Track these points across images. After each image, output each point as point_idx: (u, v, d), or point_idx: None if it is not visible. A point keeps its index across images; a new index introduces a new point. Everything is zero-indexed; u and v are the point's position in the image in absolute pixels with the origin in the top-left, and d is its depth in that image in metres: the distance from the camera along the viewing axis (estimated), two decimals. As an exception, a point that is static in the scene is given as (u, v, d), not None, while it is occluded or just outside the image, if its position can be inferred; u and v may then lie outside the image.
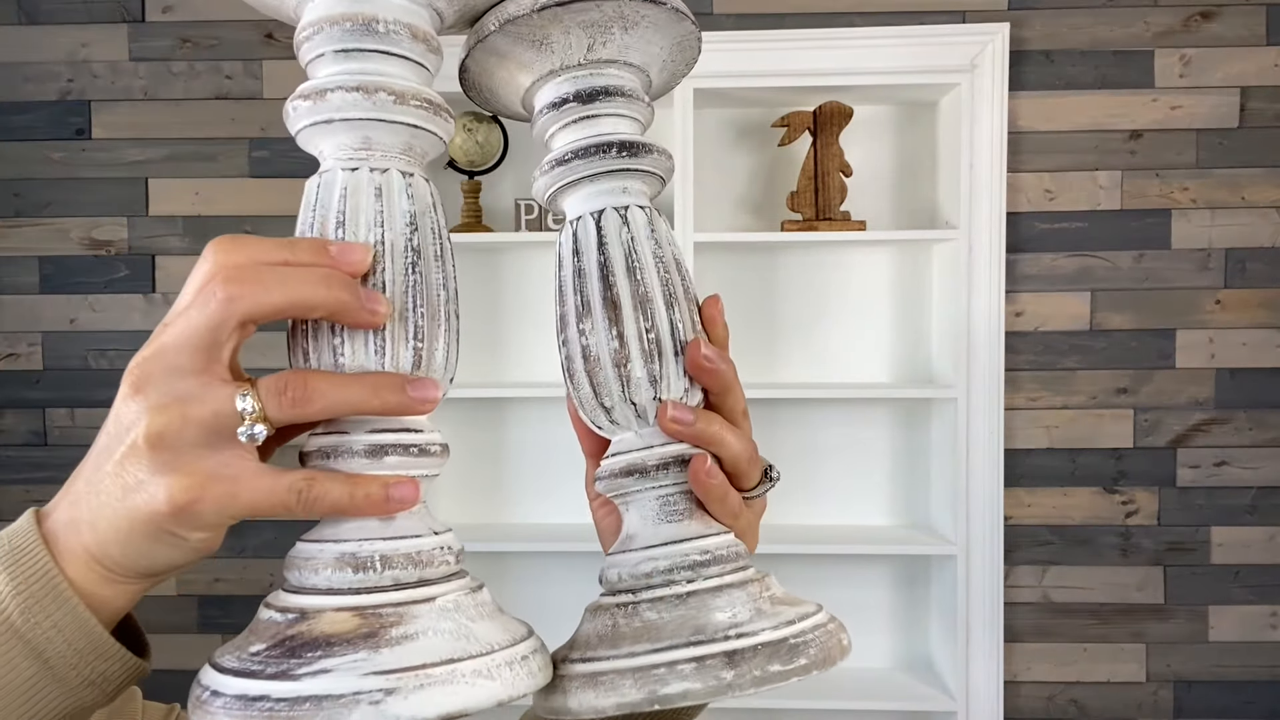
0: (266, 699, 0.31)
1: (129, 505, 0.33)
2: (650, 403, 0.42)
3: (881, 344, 1.95)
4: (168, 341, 0.34)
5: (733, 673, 0.37)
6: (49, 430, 1.96)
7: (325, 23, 0.37)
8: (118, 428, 0.33)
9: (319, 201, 0.37)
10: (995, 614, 1.82)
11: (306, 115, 0.37)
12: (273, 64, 1.91)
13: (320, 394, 0.34)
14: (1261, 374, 1.89)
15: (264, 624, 0.34)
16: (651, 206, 0.44)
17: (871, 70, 1.75)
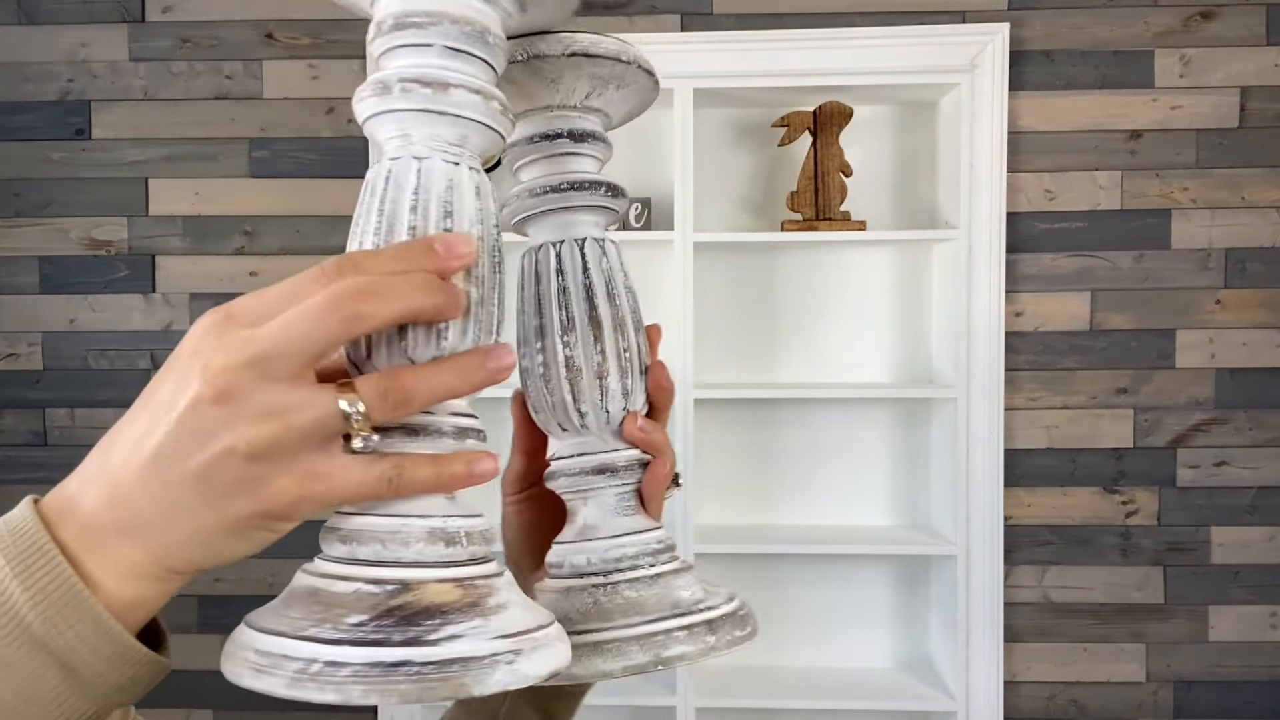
0: (409, 664, 0.32)
1: (220, 510, 0.33)
2: (621, 412, 0.47)
3: (881, 344, 1.95)
4: (267, 351, 0.32)
5: (714, 637, 0.45)
6: (49, 430, 1.96)
7: (444, 18, 0.37)
8: (192, 432, 0.32)
9: (421, 186, 0.37)
10: (995, 614, 1.82)
11: (417, 101, 0.37)
12: (273, 64, 1.91)
13: (417, 392, 0.35)
14: (1261, 374, 1.89)
15: (351, 596, 0.34)
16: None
17: (871, 70, 1.75)
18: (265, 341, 0.32)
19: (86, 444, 2.09)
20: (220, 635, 1.95)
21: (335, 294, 0.33)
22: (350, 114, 1.90)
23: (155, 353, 1.95)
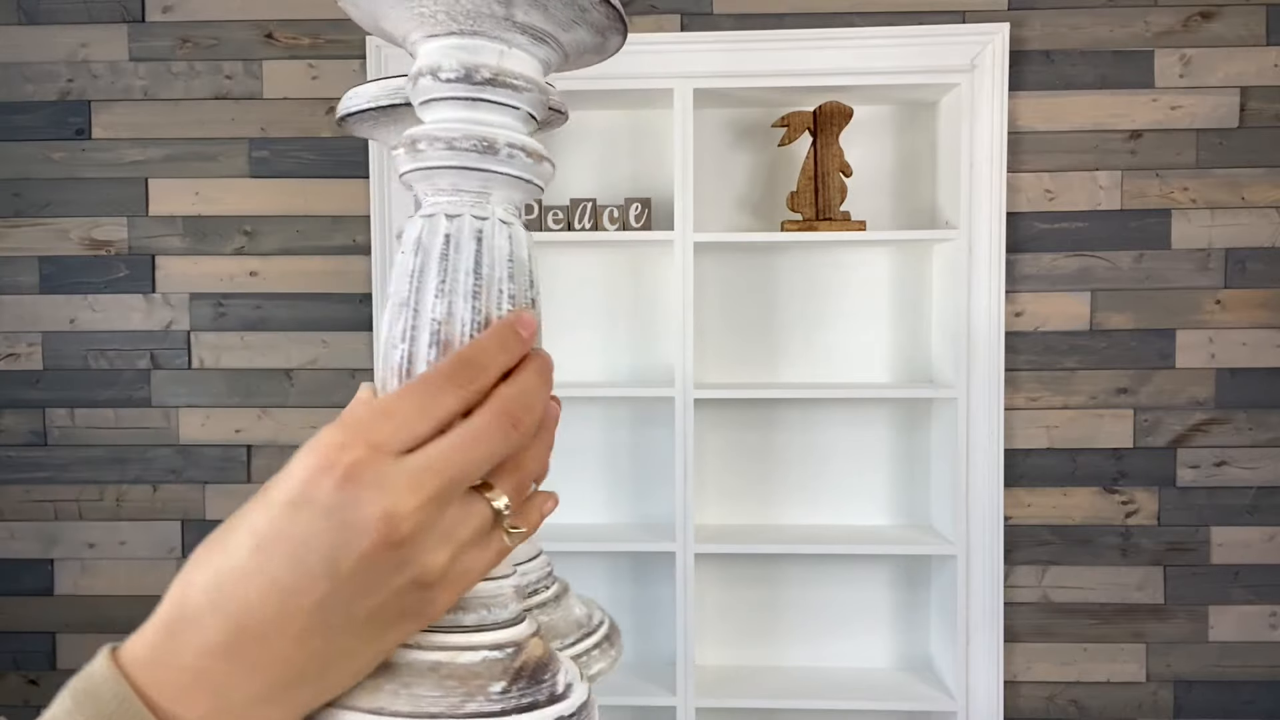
0: (581, 710, 0.36)
1: (384, 642, 0.32)
2: None
3: (881, 344, 1.95)
4: (448, 483, 0.31)
5: (614, 650, 0.45)
6: (49, 430, 1.96)
7: (506, 77, 0.36)
8: (365, 581, 0.30)
9: (514, 253, 0.37)
10: (995, 614, 1.82)
11: (518, 168, 0.36)
12: (273, 64, 1.91)
13: (537, 469, 0.35)
14: (1261, 374, 1.89)
15: (482, 664, 0.35)
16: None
17: (871, 70, 1.75)
18: (445, 473, 0.31)
19: (86, 444, 2.09)
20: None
21: (500, 413, 0.32)
22: (350, 114, 1.91)
23: (155, 353, 1.95)
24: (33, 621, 1.98)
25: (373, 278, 1.87)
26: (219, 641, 0.29)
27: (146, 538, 1.97)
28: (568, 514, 1.95)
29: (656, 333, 1.94)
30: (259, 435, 1.95)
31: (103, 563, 1.97)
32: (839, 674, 1.93)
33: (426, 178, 0.36)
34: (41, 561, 1.98)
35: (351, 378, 1.94)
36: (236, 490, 1.95)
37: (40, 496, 1.97)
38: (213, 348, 1.94)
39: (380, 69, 1.81)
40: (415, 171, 0.36)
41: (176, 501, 1.96)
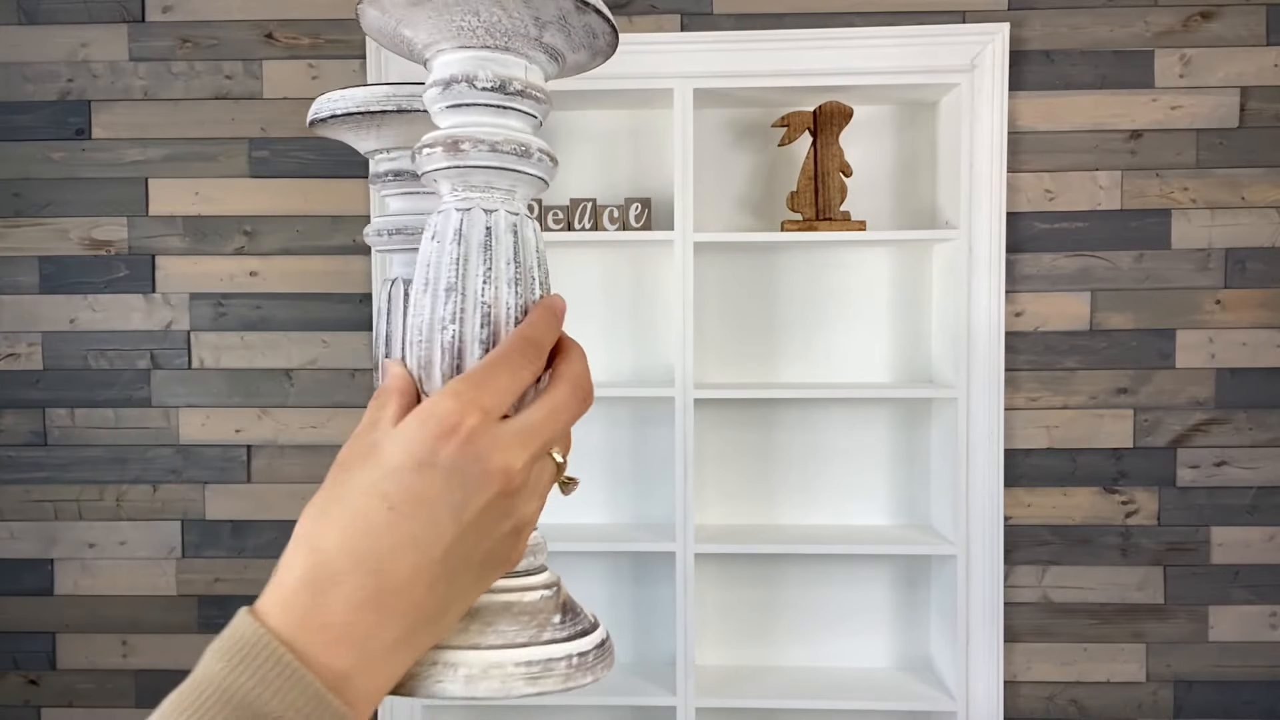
0: (605, 642, 0.42)
1: (485, 584, 0.37)
2: None
3: (881, 344, 1.95)
4: (547, 441, 0.37)
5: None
6: (49, 430, 1.96)
7: (532, 90, 0.41)
8: (482, 526, 0.35)
9: (539, 243, 0.42)
10: (995, 614, 1.82)
11: (541, 169, 0.41)
12: (273, 64, 1.91)
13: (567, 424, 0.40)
14: (1261, 374, 1.89)
15: (540, 602, 0.41)
16: None
17: (871, 70, 1.75)
18: (546, 433, 0.37)
19: (86, 444, 2.08)
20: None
21: (577, 387, 0.39)
22: (350, 114, 1.91)
23: (155, 353, 1.95)
24: (33, 621, 1.98)
25: (373, 278, 1.87)
26: (364, 597, 0.33)
27: (146, 538, 1.97)
28: (568, 514, 1.95)
29: (656, 333, 1.94)
30: (259, 435, 1.95)
31: (103, 563, 1.97)
32: (839, 674, 1.93)
33: (461, 175, 0.40)
34: (41, 561, 1.98)
35: (351, 378, 1.94)
36: (237, 490, 1.95)
37: (40, 496, 1.97)
38: (213, 348, 1.94)
39: (380, 69, 1.81)
40: (451, 169, 0.40)
41: (176, 501, 1.96)
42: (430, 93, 0.41)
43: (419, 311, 0.40)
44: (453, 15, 0.38)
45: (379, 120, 0.46)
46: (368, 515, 0.33)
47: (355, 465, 0.35)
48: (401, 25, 0.40)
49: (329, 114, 0.47)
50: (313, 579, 0.33)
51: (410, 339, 0.40)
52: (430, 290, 0.40)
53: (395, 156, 0.47)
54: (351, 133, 0.48)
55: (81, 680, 1.98)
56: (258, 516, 1.96)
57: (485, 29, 0.39)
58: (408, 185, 0.48)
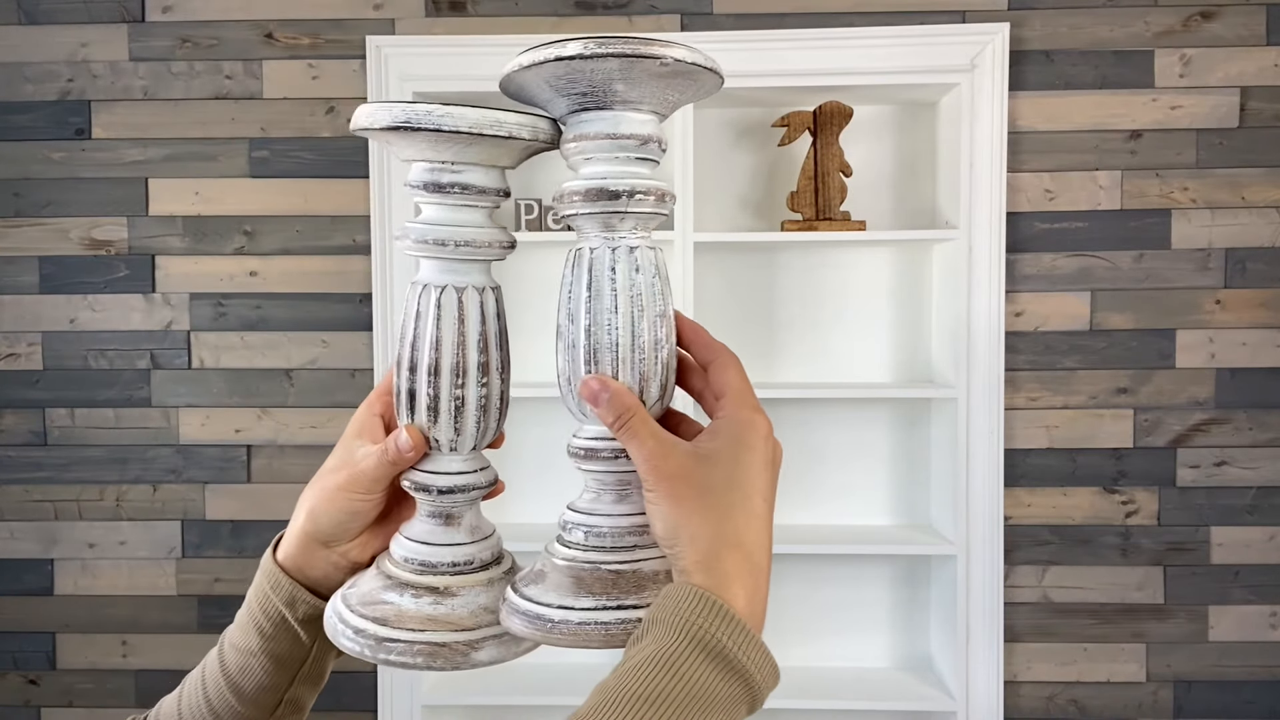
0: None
1: None
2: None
3: (881, 344, 1.95)
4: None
5: None
6: (49, 430, 1.96)
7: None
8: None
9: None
10: (995, 614, 1.82)
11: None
12: (273, 64, 1.91)
13: None
14: (1261, 374, 1.89)
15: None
16: None
17: (871, 70, 1.75)
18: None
19: (86, 444, 2.08)
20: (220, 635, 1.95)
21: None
22: (350, 114, 1.90)
23: (155, 353, 1.95)
24: (33, 621, 1.98)
25: (373, 278, 1.87)
26: (765, 574, 0.45)
27: (146, 538, 1.97)
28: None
29: (656, 333, 1.94)
30: (259, 435, 1.95)
31: (103, 563, 1.97)
32: (839, 674, 1.93)
33: (646, 219, 0.50)
34: (41, 561, 1.98)
35: (351, 378, 1.94)
36: (236, 490, 1.95)
37: (40, 496, 1.97)
38: (213, 348, 1.94)
39: (380, 68, 1.81)
40: (650, 215, 0.50)
41: (176, 501, 1.96)
42: (606, 143, 0.48)
43: (633, 333, 0.48)
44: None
45: (460, 140, 0.48)
46: (762, 515, 0.45)
47: (738, 466, 0.46)
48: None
49: (384, 125, 0.47)
50: (760, 573, 0.44)
51: (625, 356, 0.48)
52: (645, 316, 0.48)
53: (459, 170, 0.50)
54: (408, 142, 0.49)
55: (81, 680, 1.98)
56: (258, 516, 1.96)
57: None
58: (450, 198, 0.50)
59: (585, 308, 0.48)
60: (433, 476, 0.52)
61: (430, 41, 1.82)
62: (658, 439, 0.46)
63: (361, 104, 0.48)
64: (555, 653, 1.98)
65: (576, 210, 0.49)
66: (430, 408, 0.50)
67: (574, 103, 0.48)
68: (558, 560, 0.49)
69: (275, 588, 0.55)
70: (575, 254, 0.50)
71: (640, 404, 0.47)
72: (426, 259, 0.51)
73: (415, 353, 0.50)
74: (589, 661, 1.97)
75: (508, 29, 1.88)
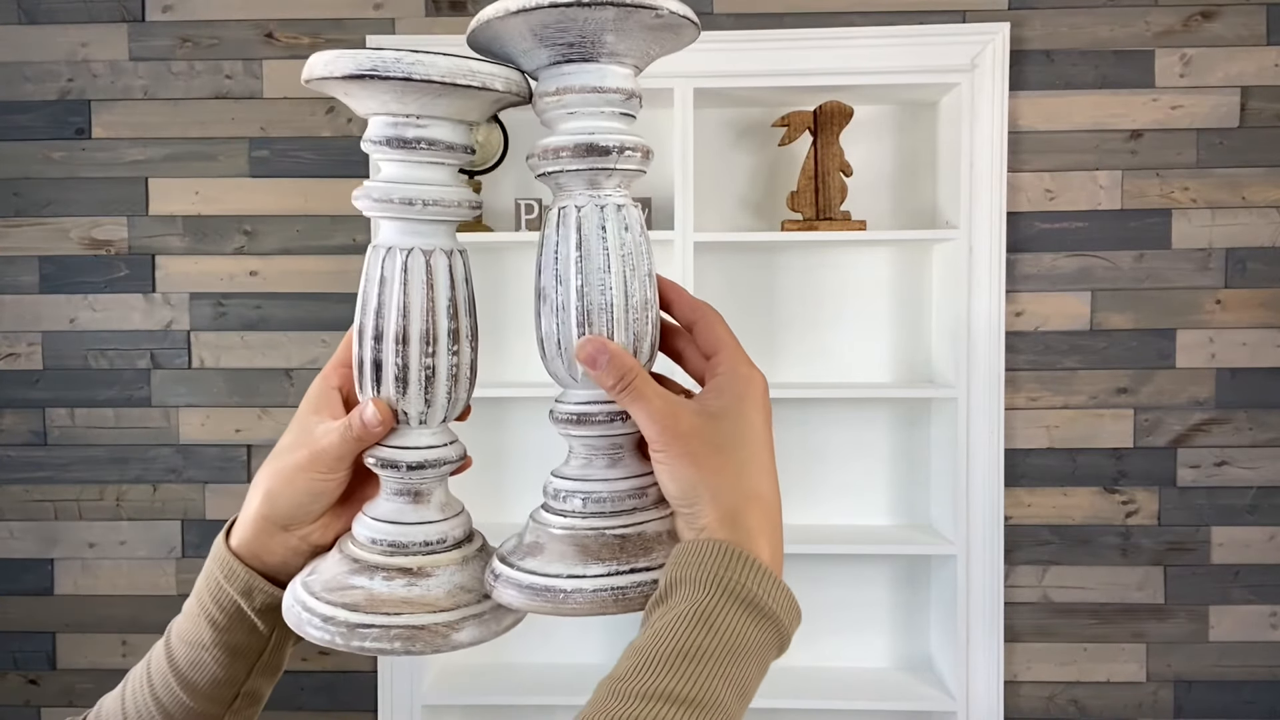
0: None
1: None
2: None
3: (881, 344, 1.95)
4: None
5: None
6: (49, 430, 1.96)
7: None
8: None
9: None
10: (995, 614, 1.82)
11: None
12: (273, 64, 1.91)
13: None
14: (1261, 374, 1.89)
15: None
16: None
17: (871, 70, 1.75)
18: None
19: (86, 444, 2.08)
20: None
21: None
22: (350, 114, 1.91)
23: (155, 352, 1.95)
24: (33, 621, 1.98)
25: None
26: (779, 517, 0.47)
27: (146, 538, 1.97)
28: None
29: (656, 332, 1.94)
30: (259, 435, 1.95)
31: (103, 563, 1.97)
32: (839, 674, 1.93)
33: (629, 177, 0.49)
34: (41, 561, 1.98)
35: (351, 377, 1.94)
36: (237, 490, 1.95)
37: (40, 496, 1.97)
38: (213, 347, 1.94)
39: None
40: (634, 172, 0.49)
41: (176, 501, 1.96)
42: (592, 96, 0.46)
43: (626, 293, 0.47)
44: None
45: (430, 91, 0.45)
46: (770, 468, 0.46)
47: (749, 411, 0.46)
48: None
49: (346, 72, 0.44)
50: (772, 521, 0.46)
51: (619, 317, 0.47)
52: (636, 275, 0.48)
53: (425, 124, 0.46)
54: (370, 93, 0.45)
55: (81, 680, 1.98)
56: (258, 516, 1.96)
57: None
58: (416, 154, 0.47)
59: (576, 268, 0.47)
60: (401, 452, 0.49)
61: (430, 41, 1.82)
62: (664, 399, 0.45)
63: (316, 52, 0.45)
64: (555, 653, 1.98)
65: (561, 167, 0.47)
66: (399, 378, 0.48)
67: (557, 54, 0.46)
68: (555, 530, 0.47)
69: (229, 576, 0.52)
70: (560, 213, 0.48)
71: (640, 365, 0.46)
72: (389, 220, 0.48)
73: (380, 320, 0.48)
74: (590, 662, 1.97)
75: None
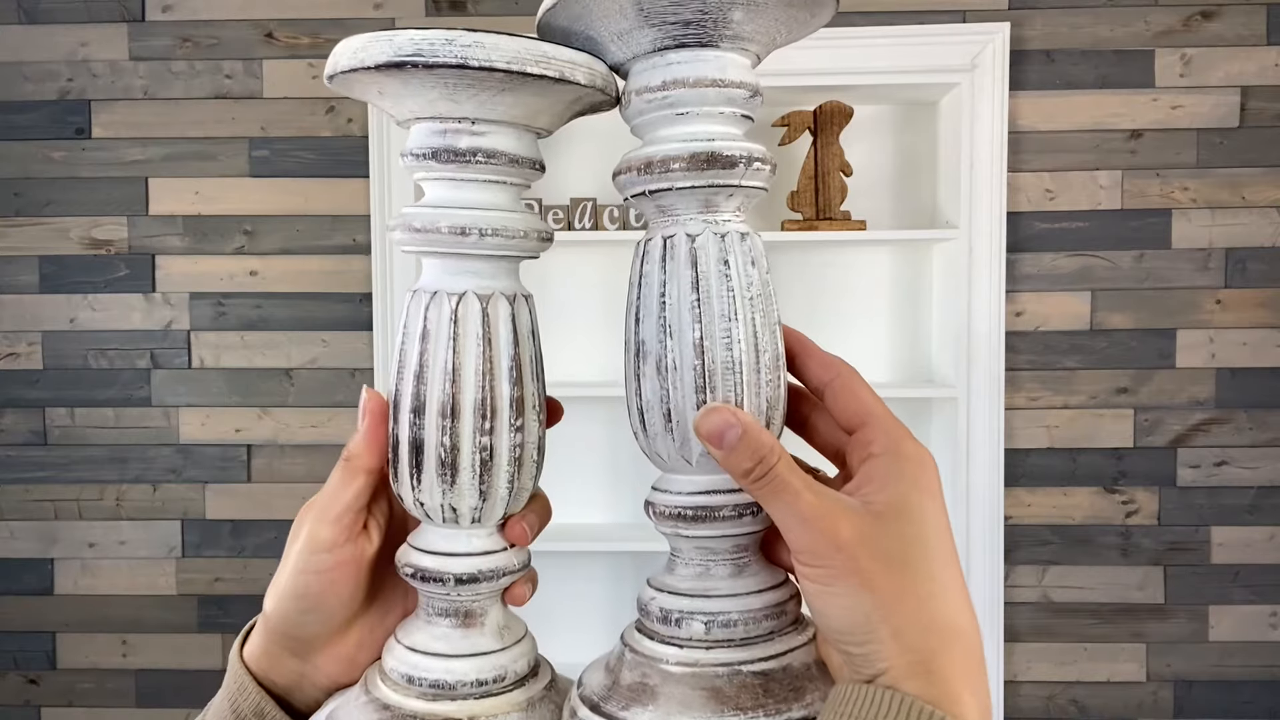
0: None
1: None
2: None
3: (881, 344, 1.95)
4: None
5: None
6: (49, 430, 1.96)
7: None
8: None
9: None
10: (995, 614, 1.82)
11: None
12: (273, 63, 1.91)
13: None
14: (1261, 374, 1.89)
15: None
16: None
17: (871, 70, 1.75)
18: None
19: (86, 443, 2.08)
20: (220, 634, 1.95)
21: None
22: (350, 114, 1.91)
23: (155, 352, 1.95)
24: (33, 621, 1.98)
25: (373, 277, 1.87)
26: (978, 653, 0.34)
27: (146, 537, 1.97)
28: (569, 513, 1.95)
29: (656, 332, 1.94)
30: (259, 435, 1.95)
31: (103, 562, 1.97)
32: (839, 674, 1.93)
33: (751, 195, 0.38)
34: (41, 561, 1.98)
35: (351, 377, 1.94)
36: (237, 490, 1.95)
37: (40, 496, 1.97)
38: (213, 347, 1.94)
39: (380, 68, 1.80)
40: (745, 187, 0.37)
41: (176, 501, 1.96)
42: (711, 93, 0.36)
43: (757, 348, 0.36)
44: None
45: (491, 84, 0.34)
46: (964, 588, 0.34)
47: (925, 524, 0.34)
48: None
49: (404, 58, 0.34)
50: (976, 664, 0.33)
51: (750, 379, 0.35)
52: (767, 324, 0.36)
53: (483, 131, 0.36)
54: (411, 89, 0.35)
55: (81, 680, 1.98)
56: (258, 516, 1.96)
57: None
58: (471, 170, 0.36)
59: (692, 314, 0.35)
60: (447, 560, 0.38)
61: (430, 41, 1.82)
62: (816, 493, 0.33)
63: (342, 41, 0.36)
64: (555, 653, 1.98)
65: (672, 184, 0.35)
66: (445, 463, 0.36)
67: (666, 36, 0.35)
68: (670, 667, 0.35)
69: (241, 691, 0.43)
70: (667, 244, 0.36)
71: (780, 445, 0.35)
72: (435, 256, 0.37)
73: (422, 387, 0.36)
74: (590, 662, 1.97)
75: (508, 28, 1.87)
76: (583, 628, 1.98)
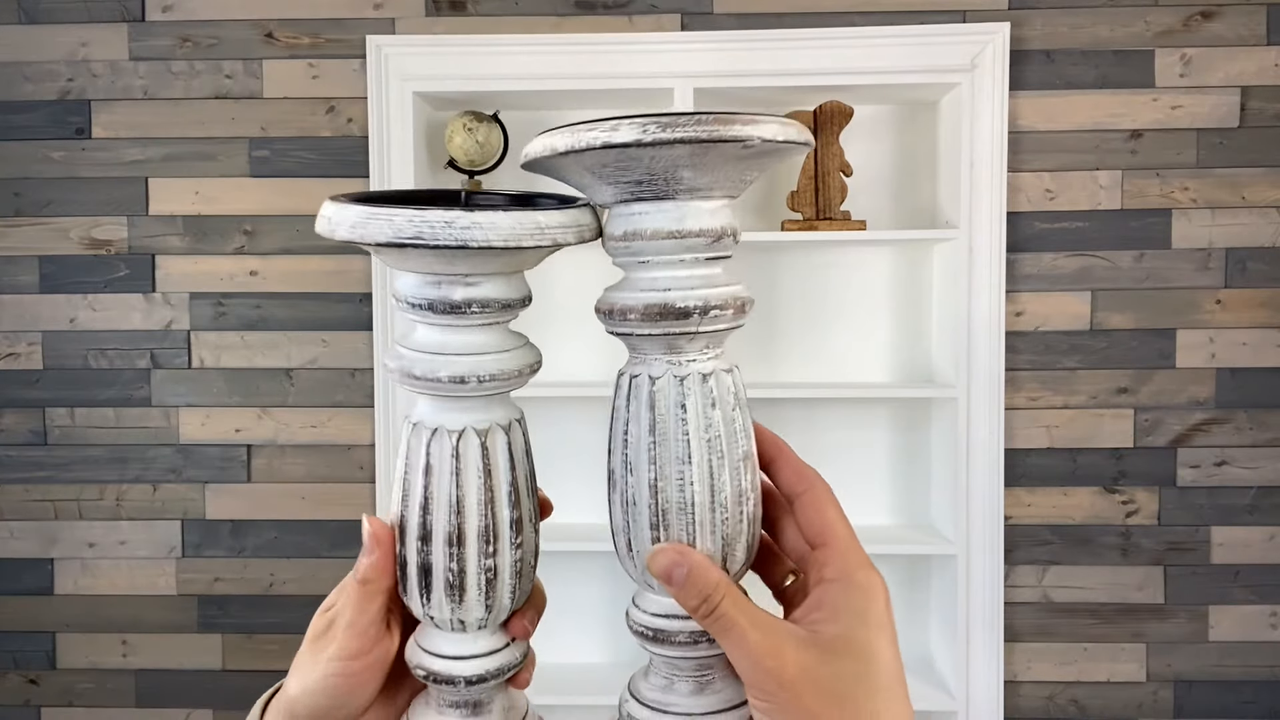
0: None
1: None
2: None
3: (881, 344, 1.95)
4: None
5: None
6: (49, 430, 1.96)
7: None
8: None
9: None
10: (995, 614, 1.82)
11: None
12: (273, 64, 1.91)
13: None
14: (1262, 374, 1.89)
15: None
16: None
17: (871, 70, 1.75)
18: None
19: (86, 443, 2.08)
20: (219, 635, 1.95)
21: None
22: (350, 114, 1.91)
23: (155, 352, 1.95)
24: (33, 621, 1.98)
25: (372, 277, 1.87)
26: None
27: (146, 537, 1.97)
28: (567, 513, 1.95)
29: (656, 332, 1.94)
30: (259, 435, 1.95)
31: (103, 562, 1.97)
32: (839, 674, 1.93)
33: (720, 338, 0.40)
34: (41, 561, 1.98)
35: (351, 377, 1.94)
36: (237, 490, 1.95)
37: (40, 496, 1.97)
38: (213, 347, 1.94)
39: (380, 68, 1.81)
40: (731, 331, 0.40)
41: (176, 501, 1.96)
42: (669, 243, 0.37)
43: (712, 488, 0.37)
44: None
45: (475, 251, 0.36)
46: (904, 717, 0.35)
47: (873, 659, 0.35)
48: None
49: (404, 240, 0.36)
50: None
51: (703, 519, 0.37)
52: (726, 463, 0.38)
53: (476, 282, 0.38)
54: (417, 258, 0.37)
55: (81, 680, 1.98)
56: (258, 516, 1.96)
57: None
58: (465, 319, 0.38)
59: (648, 456, 0.38)
60: (457, 664, 0.40)
61: (430, 41, 1.82)
62: (760, 628, 0.35)
63: (331, 203, 0.37)
64: (556, 653, 1.98)
65: (631, 330, 0.38)
66: (452, 585, 0.39)
67: (624, 191, 0.37)
68: None
69: None
70: (631, 383, 0.39)
71: (728, 580, 0.37)
72: (434, 397, 0.40)
73: (428, 517, 0.39)
74: (590, 662, 1.97)
75: (508, 28, 1.88)
76: (582, 628, 1.98)
